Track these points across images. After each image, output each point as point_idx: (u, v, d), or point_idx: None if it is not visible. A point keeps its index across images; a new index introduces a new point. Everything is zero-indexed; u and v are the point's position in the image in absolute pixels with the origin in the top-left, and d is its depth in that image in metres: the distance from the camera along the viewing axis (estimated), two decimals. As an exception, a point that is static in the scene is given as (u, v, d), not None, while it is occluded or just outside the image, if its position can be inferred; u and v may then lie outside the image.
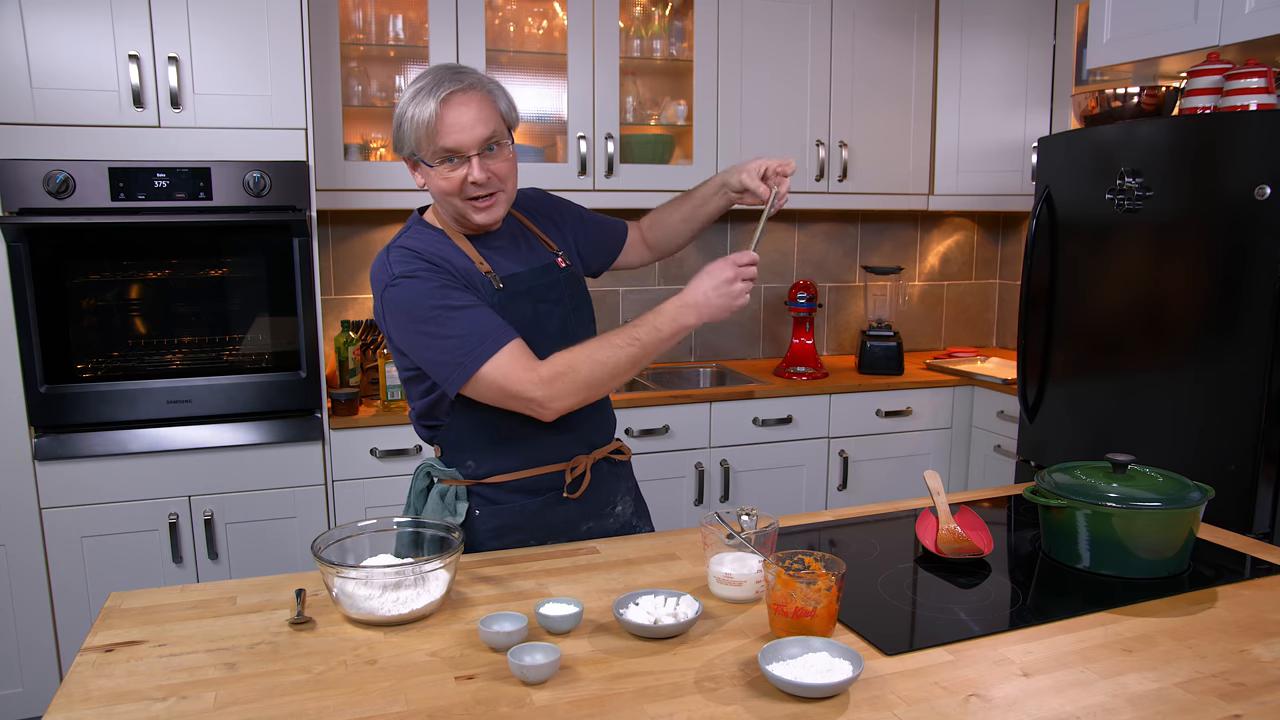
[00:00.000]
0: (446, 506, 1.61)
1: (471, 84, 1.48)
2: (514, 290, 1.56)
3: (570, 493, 1.63)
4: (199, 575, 2.56)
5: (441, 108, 1.45)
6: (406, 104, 1.48)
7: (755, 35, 3.20)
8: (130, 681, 1.14)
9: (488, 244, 1.61)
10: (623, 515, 1.74)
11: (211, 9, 2.43)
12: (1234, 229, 2.20)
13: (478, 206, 1.52)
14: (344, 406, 2.70)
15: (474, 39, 2.89)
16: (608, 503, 1.71)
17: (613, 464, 1.73)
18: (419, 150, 1.49)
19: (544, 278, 1.61)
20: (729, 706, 1.08)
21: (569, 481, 1.63)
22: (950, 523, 1.59)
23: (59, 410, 2.43)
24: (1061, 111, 3.29)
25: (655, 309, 1.49)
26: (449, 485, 1.62)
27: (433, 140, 1.46)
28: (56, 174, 2.33)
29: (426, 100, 1.45)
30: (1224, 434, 2.23)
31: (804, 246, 3.74)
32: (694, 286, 1.48)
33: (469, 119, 1.46)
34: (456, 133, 1.46)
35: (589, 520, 1.68)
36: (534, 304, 1.58)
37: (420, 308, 1.47)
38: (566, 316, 1.63)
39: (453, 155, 1.47)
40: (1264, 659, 1.19)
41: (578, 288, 1.68)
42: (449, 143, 1.46)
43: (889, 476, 3.28)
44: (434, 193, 1.54)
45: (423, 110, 1.45)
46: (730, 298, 1.48)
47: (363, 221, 3.16)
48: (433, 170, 1.49)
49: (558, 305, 1.62)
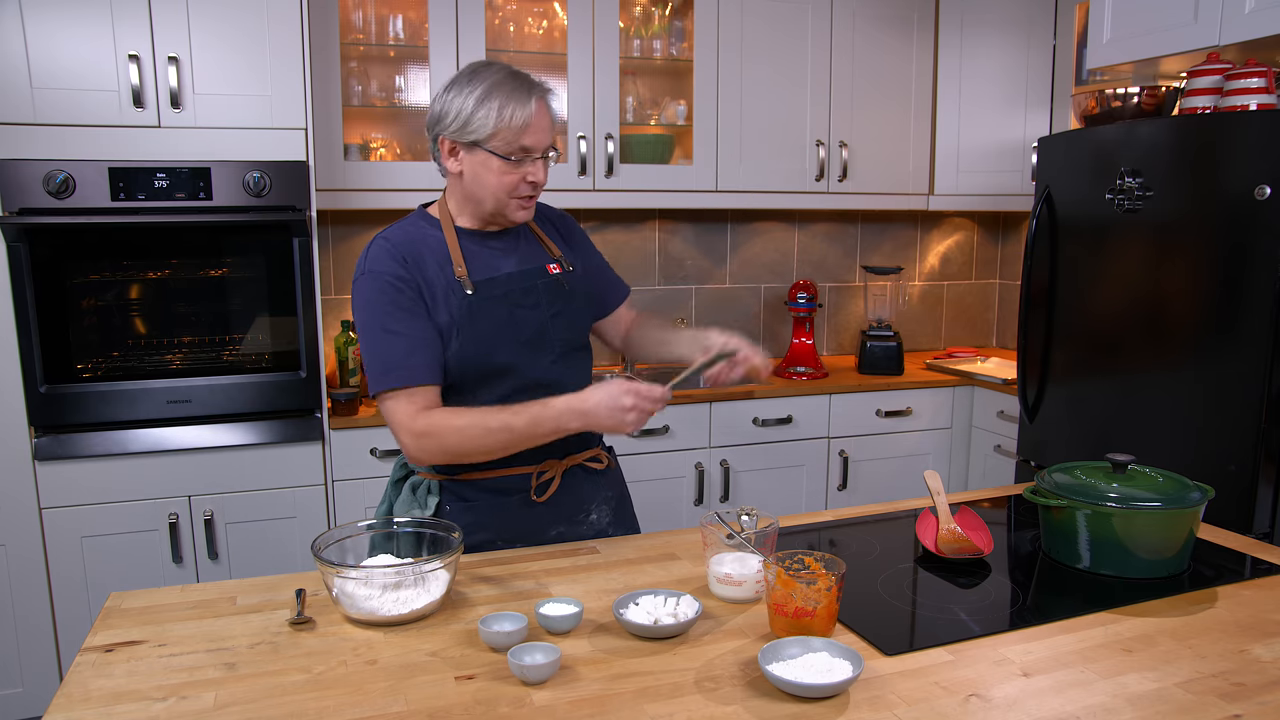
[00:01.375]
0: (418, 499, 1.63)
1: (548, 91, 1.56)
2: (488, 294, 1.57)
3: (537, 496, 1.63)
4: (199, 575, 2.56)
5: (536, 106, 1.51)
6: (488, 92, 1.49)
7: (755, 35, 3.20)
8: (130, 681, 1.14)
9: (485, 241, 1.62)
10: (597, 523, 1.72)
11: (211, 9, 2.43)
12: (1234, 229, 2.20)
13: (522, 205, 1.57)
14: (344, 406, 2.70)
15: (474, 39, 2.89)
16: (580, 509, 1.70)
17: (588, 472, 1.71)
18: (491, 140, 1.50)
19: (524, 282, 1.61)
20: (729, 706, 1.08)
21: (535, 485, 1.63)
22: (950, 523, 1.59)
23: (59, 410, 2.43)
24: (1061, 111, 3.29)
25: (545, 401, 1.49)
26: (422, 478, 1.64)
27: (518, 135, 1.50)
28: (56, 174, 2.33)
29: (522, 95, 1.49)
30: (1224, 434, 2.23)
31: (804, 246, 3.74)
32: (590, 394, 1.48)
33: (546, 123, 1.54)
34: (538, 133, 1.52)
35: (559, 525, 1.67)
36: (510, 308, 1.59)
37: (365, 313, 1.55)
38: (544, 322, 1.62)
39: (525, 154, 1.52)
40: (1264, 659, 1.19)
41: (562, 295, 1.66)
42: (529, 141, 1.51)
43: (889, 476, 3.28)
44: (477, 183, 1.55)
45: (518, 104, 1.49)
46: (618, 423, 1.46)
47: (363, 221, 3.16)
48: (495, 161, 1.51)
49: (534, 310, 1.61)
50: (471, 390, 1.57)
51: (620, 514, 1.78)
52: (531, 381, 1.59)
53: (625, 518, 1.80)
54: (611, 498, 1.76)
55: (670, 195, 3.19)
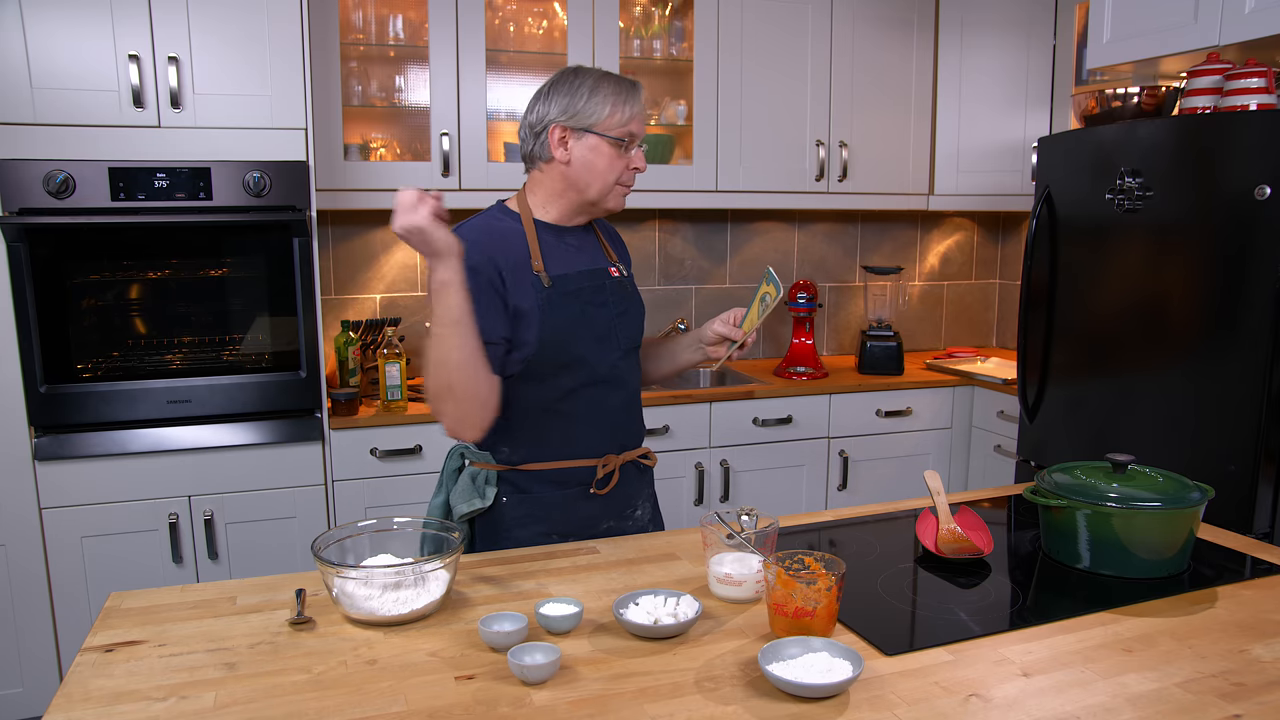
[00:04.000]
0: (476, 489, 1.66)
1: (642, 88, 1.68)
2: (563, 289, 1.63)
3: (599, 489, 1.68)
4: (199, 575, 2.56)
5: (638, 96, 1.65)
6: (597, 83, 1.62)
7: (755, 35, 3.20)
8: (130, 681, 1.14)
9: (562, 236, 1.69)
10: (641, 519, 1.78)
11: (211, 9, 2.43)
12: (1234, 229, 2.20)
13: (624, 191, 1.68)
14: (344, 406, 2.70)
15: (474, 39, 2.89)
16: (629, 504, 1.75)
17: (639, 468, 1.78)
18: (602, 124, 1.61)
19: (593, 280, 1.68)
20: (729, 706, 1.08)
21: (599, 478, 1.68)
22: (950, 523, 1.59)
23: (59, 410, 2.43)
24: (1061, 111, 3.29)
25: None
26: (480, 469, 1.67)
27: (627, 123, 1.62)
28: (56, 174, 2.33)
29: (627, 86, 1.63)
30: (1224, 434, 2.23)
31: (804, 246, 3.74)
32: None
33: (644, 114, 1.67)
34: (640, 122, 1.65)
35: (610, 519, 1.72)
36: (582, 305, 1.65)
37: None
38: (612, 320, 1.69)
39: (631, 139, 1.64)
40: (1264, 659, 1.19)
41: (625, 296, 1.74)
42: (635, 128, 1.64)
43: (889, 476, 3.28)
44: (587, 168, 1.63)
45: (625, 93, 1.62)
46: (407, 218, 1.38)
47: (363, 221, 3.16)
48: (606, 146, 1.62)
49: (603, 308, 1.68)
50: (547, 379, 1.62)
51: (656, 512, 1.85)
52: (600, 376, 1.65)
53: (658, 516, 1.87)
54: (651, 495, 1.83)
55: (670, 195, 3.19)
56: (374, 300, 3.22)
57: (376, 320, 3.07)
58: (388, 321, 3.02)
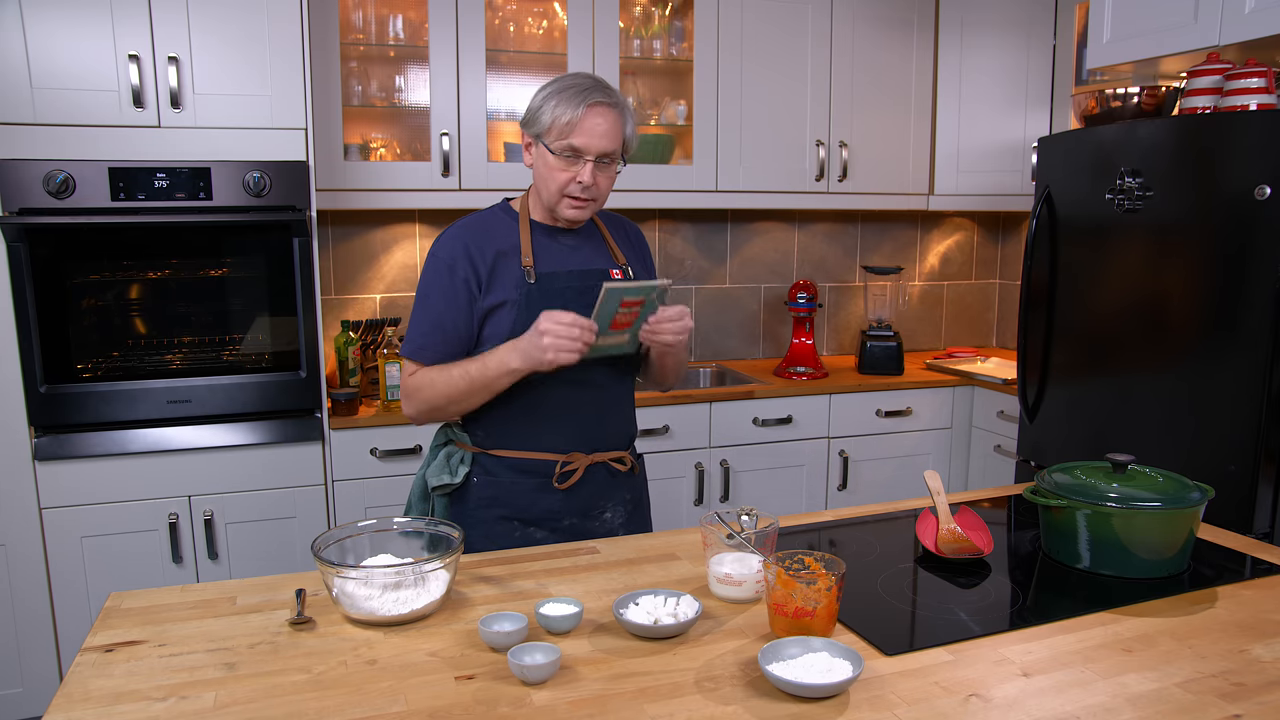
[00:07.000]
0: (450, 467, 1.72)
1: (615, 102, 1.65)
2: (547, 286, 1.67)
3: (559, 483, 1.70)
4: (199, 575, 2.56)
5: (586, 111, 1.61)
6: (554, 93, 1.62)
7: (755, 35, 3.20)
8: (130, 681, 1.14)
9: (556, 236, 1.73)
10: (610, 522, 1.78)
11: (211, 9, 2.43)
12: (1234, 229, 2.20)
13: (572, 204, 1.67)
14: (344, 406, 2.70)
15: (474, 39, 2.89)
16: (596, 505, 1.76)
17: (611, 472, 1.77)
18: (547, 135, 1.63)
19: (583, 281, 1.70)
20: (729, 706, 1.08)
21: (559, 473, 1.70)
22: (950, 523, 1.59)
23: (59, 410, 2.43)
24: (1061, 111, 3.29)
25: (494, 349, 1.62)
26: (457, 448, 1.74)
27: (565, 134, 1.61)
28: (56, 174, 2.33)
29: (576, 99, 1.60)
30: (1224, 434, 2.23)
31: (804, 246, 3.74)
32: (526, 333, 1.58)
33: (601, 130, 1.62)
34: (585, 136, 1.61)
35: (572, 516, 1.74)
36: (564, 304, 1.65)
37: (419, 284, 1.72)
38: None
39: (575, 154, 1.62)
40: (1264, 659, 1.19)
41: None
42: (577, 142, 1.61)
43: (889, 476, 3.28)
44: (539, 176, 1.68)
45: (569, 105, 1.60)
46: (539, 349, 1.54)
47: (363, 221, 3.16)
48: (551, 158, 1.63)
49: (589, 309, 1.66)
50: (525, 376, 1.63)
51: (635, 517, 1.84)
52: (568, 376, 1.66)
53: (640, 521, 1.86)
54: (629, 500, 1.82)
55: (670, 195, 3.19)
56: (374, 300, 3.22)
57: (376, 320, 3.07)
58: (387, 321, 3.02)
